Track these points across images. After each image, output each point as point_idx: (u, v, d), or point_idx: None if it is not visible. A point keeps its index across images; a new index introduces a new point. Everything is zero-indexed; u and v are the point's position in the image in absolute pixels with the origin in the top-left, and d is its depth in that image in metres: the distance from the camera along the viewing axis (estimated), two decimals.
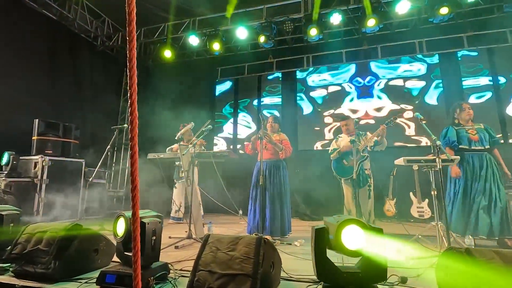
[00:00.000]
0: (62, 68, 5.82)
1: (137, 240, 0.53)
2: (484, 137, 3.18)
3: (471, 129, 3.24)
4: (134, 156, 0.51)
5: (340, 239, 1.45)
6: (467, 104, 3.36)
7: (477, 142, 3.17)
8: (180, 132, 4.62)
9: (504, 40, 5.75)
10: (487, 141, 3.17)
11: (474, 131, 3.22)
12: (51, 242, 1.98)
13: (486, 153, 3.16)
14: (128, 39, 0.50)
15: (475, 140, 3.18)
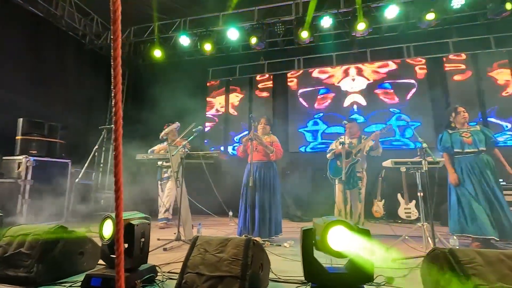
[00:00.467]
0: (49, 67, 5.68)
1: (120, 243, 0.52)
2: (479, 139, 3.19)
3: (465, 132, 3.27)
4: (118, 157, 0.50)
5: (326, 240, 1.46)
6: (462, 107, 3.37)
7: (471, 145, 3.20)
8: (164, 132, 4.57)
9: (487, 46, 5.95)
10: (483, 143, 3.19)
11: (468, 134, 3.25)
12: (34, 245, 1.92)
13: (482, 155, 3.18)
14: (112, 38, 0.49)
15: (468, 143, 3.21)
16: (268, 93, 7.33)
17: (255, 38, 5.88)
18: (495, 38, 5.91)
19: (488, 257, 1.36)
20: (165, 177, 4.75)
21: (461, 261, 1.36)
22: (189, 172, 3.62)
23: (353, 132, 3.94)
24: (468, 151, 3.21)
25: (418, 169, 3.00)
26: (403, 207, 5.22)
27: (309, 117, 6.88)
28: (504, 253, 1.37)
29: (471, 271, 1.31)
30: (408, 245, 2.95)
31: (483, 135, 3.22)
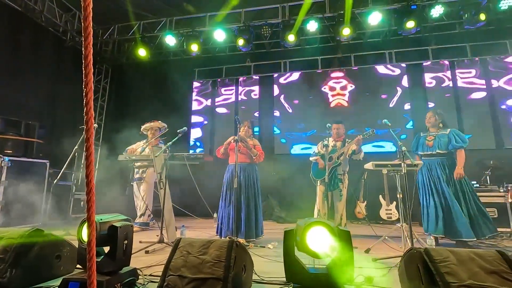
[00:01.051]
0: (27, 63, 5.47)
1: (92, 246, 0.51)
2: (440, 142, 3.39)
3: (430, 135, 3.50)
4: (89, 158, 0.49)
5: (304, 240, 1.48)
6: (429, 112, 3.62)
7: (431, 147, 3.43)
8: (143, 127, 4.41)
9: (464, 54, 6.22)
10: (444, 146, 3.38)
11: (431, 137, 3.47)
12: (7, 249, 1.84)
13: (443, 158, 3.38)
14: (83, 36, 0.48)
15: (429, 146, 3.45)
16: (254, 95, 7.35)
17: (242, 40, 5.89)
18: (471, 46, 6.19)
19: (460, 256, 1.42)
20: (137, 178, 4.45)
21: (436, 260, 1.41)
22: (173, 174, 3.57)
23: (340, 133, 4.00)
24: (427, 154, 3.43)
25: (397, 171, 3.09)
26: (384, 208, 5.36)
27: (295, 119, 6.95)
28: (475, 252, 1.44)
29: (444, 270, 1.36)
30: (388, 245, 3.03)
31: (447, 138, 3.39)
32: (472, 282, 1.30)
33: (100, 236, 1.76)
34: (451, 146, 3.35)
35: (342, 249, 1.51)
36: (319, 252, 1.47)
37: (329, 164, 3.75)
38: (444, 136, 3.42)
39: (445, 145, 3.37)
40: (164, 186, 3.33)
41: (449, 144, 3.36)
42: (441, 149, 3.37)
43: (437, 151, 3.38)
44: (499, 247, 3.30)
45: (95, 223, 0.51)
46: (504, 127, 5.79)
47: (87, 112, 0.49)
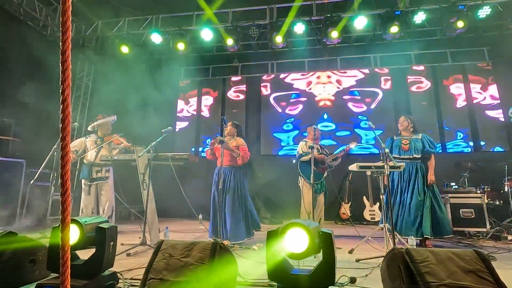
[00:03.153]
0: (3, 58, 5.22)
1: (66, 249, 0.48)
2: (416, 147, 3.50)
3: (405, 139, 3.59)
4: (65, 158, 0.46)
5: (283, 241, 1.50)
6: (402, 117, 3.76)
7: (407, 151, 3.53)
8: (96, 123, 4.00)
9: (444, 60, 6.45)
10: (419, 151, 3.49)
11: (407, 141, 3.57)
12: None
13: (417, 162, 3.48)
14: (61, 30, 0.46)
15: (405, 150, 3.54)
16: (241, 95, 7.33)
17: (231, 40, 5.86)
18: (451, 52, 6.43)
19: (439, 255, 1.46)
20: (98, 177, 3.95)
21: (416, 260, 1.44)
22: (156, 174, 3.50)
23: (317, 135, 4.08)
24: (404, 157, 3.52)
25: (381, 173, 3.16)
26: (368, 209, 5.46)
27: (282, 121, 6.99)
28: (453, 252, 1.49)
29: (425, 269, 1.40)
30: (371, 246, 3.09)
31: (421, 143, 3.51)
32: (450, 281, 1.34)
33: (87, 238, 1.72)
34: (426, 151, 3.48)
35: (324, 251, 1.53)
36: (297, 253, 1.50)
37: (324, 167, 3.88)
38: (418, 140, 3.53)
39: (420, 150, 3.49)
40: (148, 187, 3.25)
41: (423, 148, 3.48)
42: (416, 154, 3.48)
43: (413, 156, 3.49)
44: (476, 246, 3.44)
45: (69, 226, 0.48)
46: (481, 131, 6.04)
47: (63, 110, 0.47)
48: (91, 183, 3.92)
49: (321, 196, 3.89)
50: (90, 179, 3.92)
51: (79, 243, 1.72)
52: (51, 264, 1.77)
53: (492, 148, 5.97)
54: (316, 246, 1.51)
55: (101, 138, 4.05)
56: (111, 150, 4.02)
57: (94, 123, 4.05)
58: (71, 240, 1.68)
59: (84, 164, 4.00)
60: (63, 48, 0.45)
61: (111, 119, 4.06)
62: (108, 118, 4.04)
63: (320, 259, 1.55)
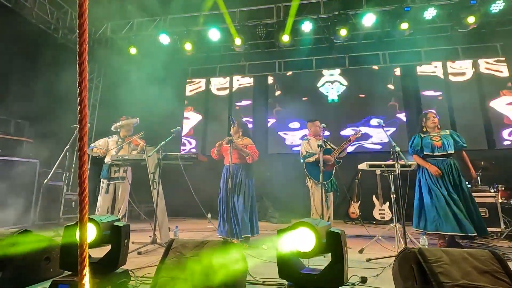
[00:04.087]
0: (16, 61, 5.35)
1: (84, 248, 0.49)
2: (448, 143, 3.37)
3: (435, 136, 3.44)
4: (83, 157, 0.47)
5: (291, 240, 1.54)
6: (432, 113, 3.56)
7: (440, 148, 3.37)
8: (119, 123, 4.16)
9: (456, 56, 6.32)
10: (451, 147, 3.37)
11: (438, 137, 3.42)
12: None
13: (451, 159, 3.36)
14: (78, 33, 0.47)
15: (438, 147, 3.38)
16: (248, 94, 7.34)
17: (240, 39, 5.87)
18: (462, 48, 6.29)
19: (453, 255, 1.43)
20: (116, 177, 4.07)
21: (429, 260, 1.42)
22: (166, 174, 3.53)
23: (318, 131, 3.95)
24: (438, 154, 3.37)
25: (391, 171, 3.12)
26: (377, 208, 5.40)
27: (289, 119, 6.96)
28: (468, 252, 1.46)
29: (438, 270, 1.37)
30: (381, 245, 3.05)
31: (452, 139, 3.41)
32: (465, 282, 1.32)
33: (103, 236, 1.76)
34: (459, 147, 3.37)
35: (333, 251, 1.52)
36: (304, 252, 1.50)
37: (331, 165, 3.75)
38: (448, 136, 3.41)
39: (452, 146, 3.36)
40: (158, 186, 3.29)
41: (455, 144, 3.37)
42: (450, 149, 3.35)
43: (449, 152, 3.35)
44: (490, 246, 3.36)
45: (87, 225, 0.49)
46: (495, 128, 5.90)
47: (81, 111, 0.47)
48: (109, 182, 4.07)
49: (330, 196, 3.81)
50: (108, 178, 4.07)
51: (96, 241, 1.76)
52: (64, 262, 1.81)
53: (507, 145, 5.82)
54: (323, 246, 1.50)
55: (122, 139, 4.21)
56: (131, 151, 4.13)
57: (117, 123, 4.19)
58: (88, 238, 1.73)
59: (104, 164, 4.15)
60: (80, 50, 0.46)
61: (134, 121, 4.22)
62: (131, 120, 4.18)
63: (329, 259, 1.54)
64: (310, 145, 3.92)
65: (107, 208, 3.98)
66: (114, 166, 4.04)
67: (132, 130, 4.30)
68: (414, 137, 3.59)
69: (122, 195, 4.08)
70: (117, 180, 4.07)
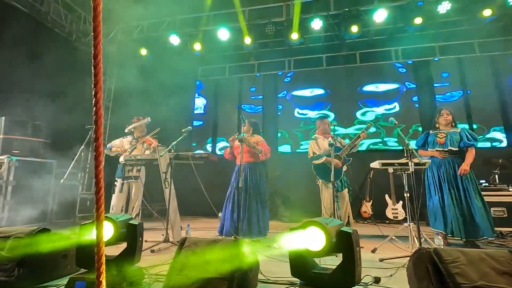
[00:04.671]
0: (33, 64, 5.51)
1: (101, 246, 0.50)
2: (452, 140, 3.31)
3: (441, 133, 3.40)
4: (99, 158, 0.48)
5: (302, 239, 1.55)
6: (446, 110, 3.50)
7: (442, 145, 3.34)
8: (132, 126, 4.24)
9: (472, 51, 6.12)
10: (456, 143, 3.30)
11: (443, 134, 3.38)
12: (15, 248, 1.86)
13: (454, 156, 3.30)
14: (93, 35, 0.48)
15: (440, 143, 3.36)
16: (258, 93, 7.33)
17: (249, 38, 5.87)
18: (479, 43, 6.09)
19: (471, 256, 1.39)
20: (130, 176, 4.15)
21: (445, 261, 1.39)
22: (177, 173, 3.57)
23: (327, 129, 3.91)
24: (438, 150, 3.36)
25: (404, 170, 3.05)
26: (390, 207, 5.31)
27: (299, 117, 6.92)
28: (485, 252, 1.41)
29: (455, 270, 1.34)
30: (395, 245, 3.00)
31: (459, 136, 3.33)
32: (483, 283, 1.28)
33: (120, 234, 1.80)
34: (463, 144, 3.28)
35: (344, 251, 1.51)
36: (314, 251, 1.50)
37: (340, 163, 3.68)
38: (456, 134, 3.35)
39: (457, 143, 3.30)
40: (169, 185, 3.33)
41: (461, 141, 3.30)
42: (453, 146, 3.29)
43: (449, 148, 3.30)
44: (509, 247, 3.25)
45: (103, 223, 0.51)
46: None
47: (96, 112, 0.49)
48: (123, 181, 4.14)
49: (344, 193, 3.70)
50: (123, 177, 4.15)
51: (112, 239, 1.80)
52: (80, 260, 1.86)
53: None
54: (334, 245, 1.49)
55: (136, 139, 4.29)
56: (144, 151, 4.19)
57: (130, 126, 4.28)
58: (105, 236, 1.77)
59: (119, 164, 4.25)
60: (95, 52, 0.47)
61: (145, 121, 4.27)
62: (142, 120, 4.23)
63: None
64: (318, 145, 3.85)
65: (121, 207, 4.06)
66: (128, 166, 4.11)
67: (145, 130, 4.36)
68: (423, 133, 3.61)
69: (135, 194, 4.15)
70: (131, 179, 4.15)
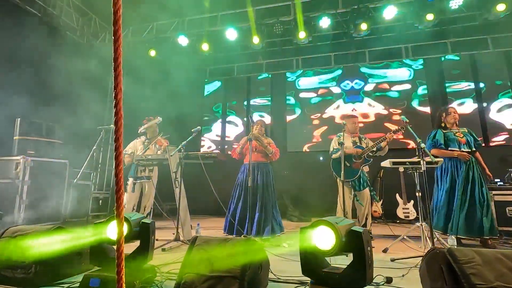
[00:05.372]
0: (46, 66, 5.65)
1: (121, 243, 0.52)
2: (470, 140, 3.31)
3: (458, 132, 3.36)
4: (119, 157, 0.50)
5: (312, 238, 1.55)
6: (453, 108, 3.47)
7: (465, 144, 3.30)
8: (143, 126, 4.30)
9: (485, 47, 5.97)
10: (473, 144, 3.30)
11: (461, 134, 3.34)
12: (33, 246, 1.91)
13: (471, 156, 3.26)
14: (113, 38, 0.49)
15: (463, 143, 3.30)
16: (266, 92, 7.33)
17: (257, 38, 5.88)
18: (492, 39, 5.94)
19: (487, 256, 1.37)
20: (142, 176, 4.20)
21: (460, 261, 1.36)
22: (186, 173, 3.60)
23: (357, 128, 3.83)
24: (464, 151, 3.28)
25: (416, 169, 3.01)
26: (401, 207, 5.23)
27: (307, 116, 6.89)
28: (502, 253, 1.38)
29: (470, 271, 1.31)
30: (406, 245, 2.96)
31: (471, 136, 3.34)
32: (500, 284, 1.25)
33: (134, 233, 1.84)
34: (477, 145, 3.29)
35: (354, 250, 1.50)
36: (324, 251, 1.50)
37: (357, 163, 3.61)
38: (467, 133, 3.35)
39: (472, 143, 3.30)
40: (180, 185, 3.37)
41: (475, 142, 3.30)
42: (471, 147, 3.29)
43: (472, 149, 3.29)
44: None
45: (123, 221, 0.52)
46: None
47: (116, 113, 0.50)
48: (135, 181, 4.19)
49: (364, 193, 3.60)
50: (135, 177, 4.19)
51: (127, 238, 1.84)
52: (94, 258, 1.90)
53: None
54: (344, 245, 1.49)
55: (149, 140, 4.33)
56: (157, 151, 4.24)
57: (141, 128, 4.32)
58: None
59: (132, 163, 4.28)
60: (115, 55, 0.49)
61: (155, 122, 4.29)
62: (153, 120, 4.26)
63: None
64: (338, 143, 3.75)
65: (133, 206, 4.12)
66: (141, 166, 4.16)
67: (157, 130, 4.39)
68: (436, 131, 3.48)
69: (148, 193, 4.20)
70: (143, 179, 4.19)
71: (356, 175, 3.57)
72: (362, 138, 3.80)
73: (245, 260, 1.64)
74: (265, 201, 3.52)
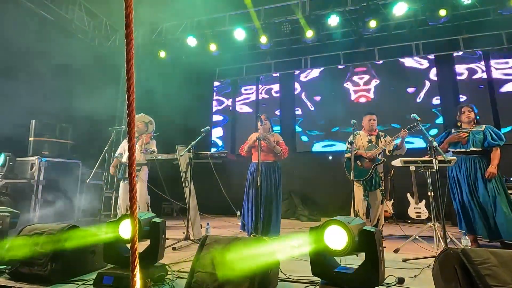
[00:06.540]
0: (58, 69, 5.78)
1: (135, 241, 0.53)
2: (475, 139, 3.15)
3: (464, 132, 3.24)
4: (132, 157, 0.51)
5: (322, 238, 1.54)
6: (467, 107, 3.32)
7: (464, 145, 3.22)
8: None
9: (499, 43, 5.81)
10: (479, 144, 3.14)
11: (465, 134, 3.22)
12: (48, 244, 1.96)
13: (477, 156, 3.16)
14: (126, 41, 0.50)
15: (462, 143, 3.24)
16: (275, 92, 7.32)
17: (265, 37, 5.87)
18: (507, 34, 5.77)
19: (502, 257, 1.33)
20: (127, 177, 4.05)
21: (475, 262, 1.33)
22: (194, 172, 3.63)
23: (374, 126, 3.73)
24: (460, 151, 3.23)
25: (428, 168, 2.96)
26: (412, 206, 5.15)
27: (317, 116, 6.84)
28: None
29: (485, 272, 1.28)
30: (418, 245, 2.91)
31: (483, 135, 3.15)
32: None
33: (144, 232, 1.87)
34: (487, 144, 3.11)
35: (366, 250, 1.48)
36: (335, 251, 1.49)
37: (368, 162, 3.53)
38: (479, 132, 3.17)
39: (480, 142, 3.13)
40: (189, 184, 3.40)
41: (484, 141, 3.13)
42: (476, 147, 3.13)
43: (471, 149, 3.15)
44: None
45: (137, 220, 0.53)
46: None
47: (129, 114, 0.51)
48: (123, 182, 4.10)
49: (375, 194, 3.53)
50: (123, 178, 4.11)
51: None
52: (108, 256, 1.94)
53: None
54: (356, 244, 1.47)
55: (136, 138, 4.11)
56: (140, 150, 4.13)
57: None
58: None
59: (122, 164, 4.19)
60: (128, 57, 0.50)
61: (142, 118, 4.13)
62: (144, 116, 4.11)
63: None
64: (356, 140, 3.67)
65: (126, 207, 4.01)
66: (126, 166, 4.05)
67: (145, 128, 4.19)
68: (443, 133, 3.52)
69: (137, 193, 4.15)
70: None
71: (367, 175, 3.51)
72: (380, 136, 3.68)
73: (255, 259, 1.64)
74: (272, 200, 3.53)
